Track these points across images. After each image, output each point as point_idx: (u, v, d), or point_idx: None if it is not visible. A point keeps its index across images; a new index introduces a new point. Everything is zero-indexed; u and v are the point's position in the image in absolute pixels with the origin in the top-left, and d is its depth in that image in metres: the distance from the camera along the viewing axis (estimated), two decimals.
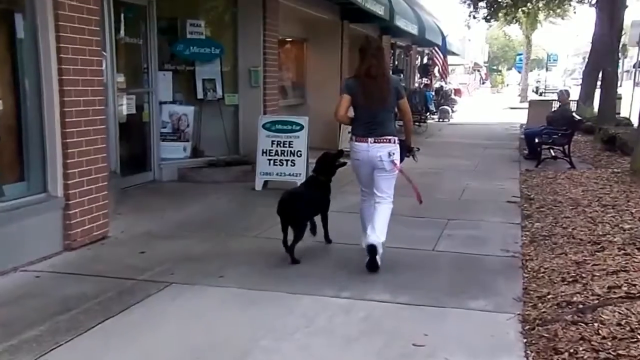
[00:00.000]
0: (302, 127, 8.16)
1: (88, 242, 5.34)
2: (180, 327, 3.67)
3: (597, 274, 4.18)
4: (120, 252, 5.22)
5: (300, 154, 8.08)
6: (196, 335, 3.54)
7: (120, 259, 4.98)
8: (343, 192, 6.12)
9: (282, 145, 8.16)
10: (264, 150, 8.18)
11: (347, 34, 12.87)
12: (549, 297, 3.93)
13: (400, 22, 13.72)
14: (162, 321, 3.74)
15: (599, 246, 4.89)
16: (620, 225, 5.56)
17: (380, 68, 4.78)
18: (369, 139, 4.73)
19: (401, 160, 4.89)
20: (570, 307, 3.68)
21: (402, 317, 3.80)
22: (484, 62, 65.91)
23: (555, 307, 3.74)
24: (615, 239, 5.03)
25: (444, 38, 21.39)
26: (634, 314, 3.35)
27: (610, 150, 11.42)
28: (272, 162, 8.15)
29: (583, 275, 4.21)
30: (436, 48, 22.51)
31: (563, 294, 3.92)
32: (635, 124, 13.86)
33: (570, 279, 4.19)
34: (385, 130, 4.74)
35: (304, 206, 5.09)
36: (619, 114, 16.14)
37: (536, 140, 10.78)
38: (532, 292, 4.10)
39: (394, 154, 4.75)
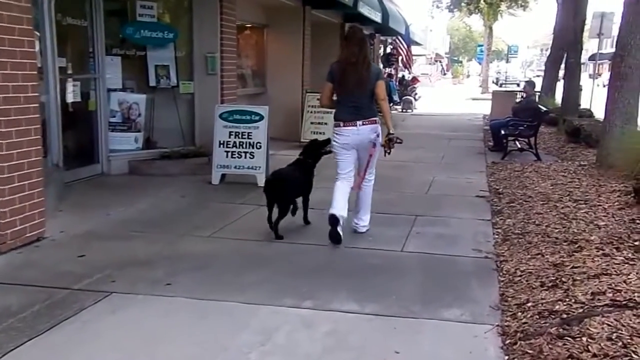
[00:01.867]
0: (261, 118, 7.69)
1: (19, 244, 4.78)
2: (117, 346, 3.20)
3: (578, 278, 3.86)
4: (56, 256, 4.69)
5: (260, 146, 7.62)
6: (135, 357, 3.08)
7: (55, 265, 4.46)
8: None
9: (240, 136, 7.68)
10: (221, 142, 7.69)
11: (309, 20, 12.39)
12: (528, 305, 3.60)
13: (364, 9, 13.32)
14: (96, 339, 3.26)
15: (576, 246, 4.59)
16: (595, 222, 5.30)
17: (361, 55, 5.05)
18: (358, 122, 5.05)
19: (385, 152, 5.19)
20: (553, 316, 3.35)
21: (371, 331, 3.41)
22: (445, 53, 66.29)
23: (537, 316, 3.40)
24: (592, 238, 4.75)
25: (407, 27, 21.12)
26: (624, 325, 3.04)
27: (575, 142, 11.29)
28: (229, 154, 7.67)
29: (563, 279, 3.89)
30: (399, 37, 22.22)
31: (544, 301, 3.59)
32: (597, 116, 13.85)
33: (550, 284, 3.87)
34: (370, 112, 5.10)
35: (290, 186, 5.32)
36: (579, 105, 16.13)
37: (502, 132, 10.56)
38: (510, 299, 3.77)
39: (379, 135, 5.10)
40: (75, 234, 5.30)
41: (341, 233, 5.04)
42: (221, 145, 7.68)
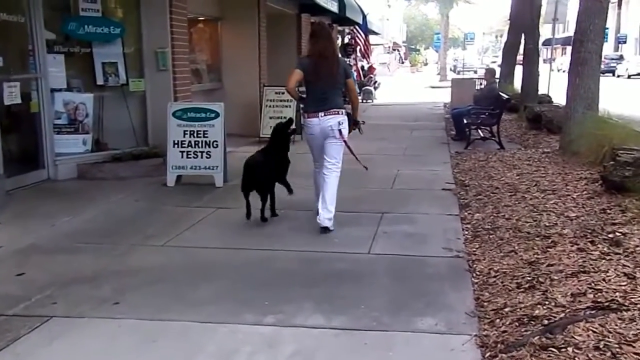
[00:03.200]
0: (217, 115, 7.31)
1: None
2: None
3: (555, 277, 3.66)
4: None
5: (217, 145, 7.25)
6: None
7: None
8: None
9: (195, 135, 7.29)
10: (176, 142, 7.29)
11: (264, 12, 12.02)
12: (506, 310, 3.37)
13: None
14: None
15: (550, 241, 4.40)
16: (566, 214, 5.13)
17: (331, 50, 5.32)
18: (320, 113, 5.22)
19: (349, 132, 5.39)
20: (533, 323, 3.12)
21: (339, 348, 3.12)
22: (403, 42, 66.46)
23: (517, 323, 3.17)
24: (565, 232, 4.57)
25: (364, 17, 20.87)
26: (610, 332, 2.83)
27: (537, 128, 11.23)
28: (185, 154, 7.28)
29: (540, 279, 3.68)
30: (357, 27, 21.96)
31: (522, 305, 3.37)
32: (555, 101, 13.86)
33: (527, 285, 3.66)
34: (333, 104, 5.25)
35: (266, 169, 5.44)
36: (538, 91, 16.14)
37: (464, 121, 10.41)
38: (486, 304, 3.54)
39: (342, 123, 5.27)
40: (16, 248, 4.87)
41: (332, 228, 5.20)
42: (176, 145, 7.29)
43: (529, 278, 3.74)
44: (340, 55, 5.53)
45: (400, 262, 4.42)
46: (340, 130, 5.24)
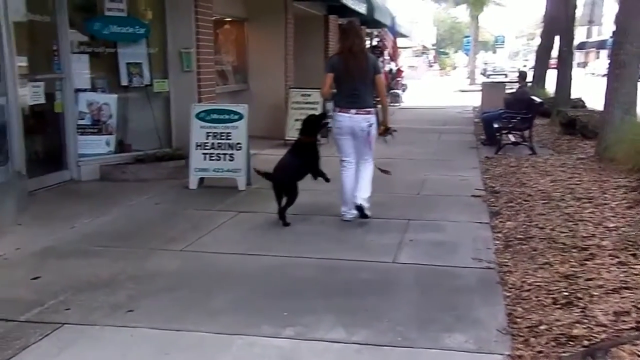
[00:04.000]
0: (241, 117, 7.18)
1: None
2: None
3: (595, 293, 3.42)
4: (6, 278, 4.16)
5: (240, 147, 7.11)
6: None
7: (3, 290, 3.93)
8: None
9: (218, 137, 7.16)
10: (198, 144, 7.18)
11: (291, 13, 11.88)
12: (541, 327, 3.13)
13: (348, 1, 12.81)
14: None
15: (588, 253, 4.15)
16: (604, 224, 4.86)
17: (361, 46, 5.48)
18: (352, 110, 5.34)
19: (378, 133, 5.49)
20: (572, 343, 2.89)
21: None
22: (432, 45, 65.86)
23: (553, 343, 2.94)
24: (604, 243, 4.31)
25: (393, 19, 20.62)
26: None
27: (571, 133, 10.87)
28: (207, 156, 7.15)
29: (578, 294, 3.44)
30: (385, 29, 21.71)
31: (559, 323, 3.13)
32: (588, 106, 13.46)
33: (564, 300, 3.41)
34: (365, 102, 5.37)
35: (294, 174, 5.49)
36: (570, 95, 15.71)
37: (495, 125, 10.11)
38: (519, 321, 3.30)
39: (372, 125, 5.40)
40: (33, 251, 4.78)
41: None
42: (198, 147, 7.18)
43: (565, 293, 3.50)
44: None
45: (427, 273, 4.20)
46: (369, 132, 5.37)
